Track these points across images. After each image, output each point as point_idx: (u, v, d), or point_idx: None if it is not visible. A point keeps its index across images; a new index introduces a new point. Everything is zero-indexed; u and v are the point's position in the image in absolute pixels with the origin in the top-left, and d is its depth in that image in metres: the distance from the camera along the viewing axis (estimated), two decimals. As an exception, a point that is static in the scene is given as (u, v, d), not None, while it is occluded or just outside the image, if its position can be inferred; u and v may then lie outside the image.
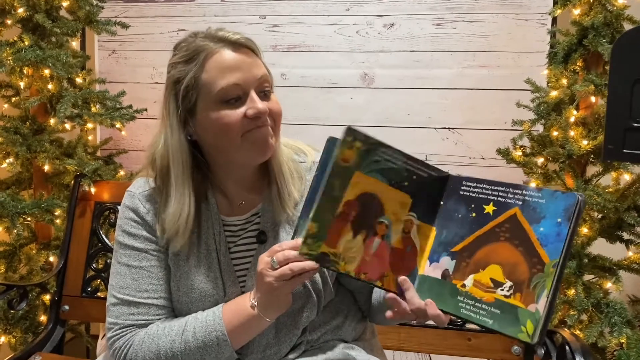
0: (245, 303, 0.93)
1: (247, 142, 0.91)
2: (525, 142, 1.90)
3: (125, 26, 2.03)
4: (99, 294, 1.69)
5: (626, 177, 1.58)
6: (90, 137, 2.12)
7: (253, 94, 0.90)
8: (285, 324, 0.98)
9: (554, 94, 1.70)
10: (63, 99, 1.84)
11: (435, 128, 2.24)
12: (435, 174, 0.85)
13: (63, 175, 1.94)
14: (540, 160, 1.76)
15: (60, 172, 1.94)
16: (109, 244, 1.70)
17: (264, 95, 0.92)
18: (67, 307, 1.65)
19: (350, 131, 0.83)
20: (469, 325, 1.56)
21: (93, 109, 1.98)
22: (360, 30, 2.25)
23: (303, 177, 1.01)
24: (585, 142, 1.57)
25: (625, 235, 1.68)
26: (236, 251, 1.00)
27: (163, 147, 0.94)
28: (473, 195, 0.81)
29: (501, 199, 0.78)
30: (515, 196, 0.77)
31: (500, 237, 0.77)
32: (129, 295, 0.97)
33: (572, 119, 1.61)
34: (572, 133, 1.60)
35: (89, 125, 1.96)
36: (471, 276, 0.78)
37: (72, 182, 1.78)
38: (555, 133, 1.69)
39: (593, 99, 1.60)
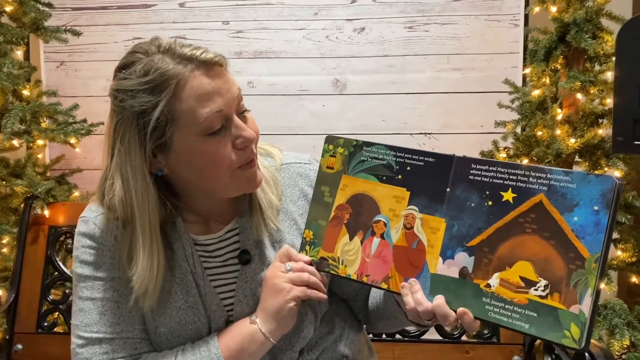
0: (243, 322, 0.88)
1: (236, 180, 0.85)
2: (504, 143, 1.91)
3: (77, 34, 1.93)
4: (57, 328, 1.58)
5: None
6: (39, 156, 1.99)
7: (237, 120, 0.83)
8: (281, 349, 0.91)
9: (536, 93, 1.72)
10: (9, 113, 1.71)
11: (411, 134, 2.24)
12: (433, 160, 0.80)
13: (10, 198, 1.82)
14: (524, 162, 1.77)
15: (7, 194, 1.81)
16: (67, 272, 1.60)
17: (243, 116, 0.86)
18: (20, 347, 1.54)
19: (330, 139, 0.90)
20: (466, 337, 1.53)
21: (43, 125, 1.86)
22: (330, 35, 2.24)
23: (278, 181, 0.97)
24: (572, 140, 1.59)
25: (613, 235, 1.70)
26: (215, 274, 0.93)
27: (124, 193, 0.83)
28: (486, 180, 0.75)
29: (521, 184, 0.72)
30: (539, 180, 0.71)
31: (525, 228, 0.72)
32: (99, 332, 0.87)
33: (559, 117, 1.62)
34: (558, 132, 1.62)
35: (39, 142, 1.84)
36: (496, 274, 0.73)
37: (22, 205, 1.67)
38: (539, 133, 1.70)
39: (579, 95, 1.62)
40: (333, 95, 2.25)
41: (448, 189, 0.78)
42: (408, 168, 0.82)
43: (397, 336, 1.52)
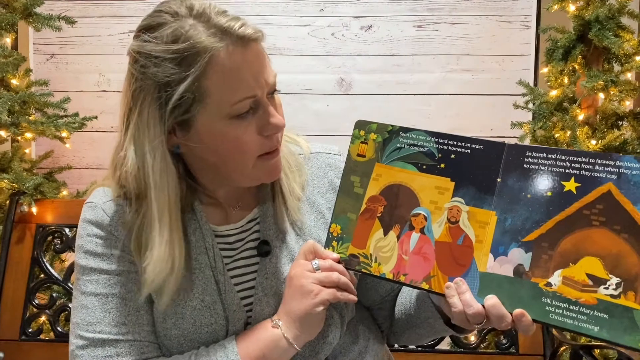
0: (265, 326, 0.80)
1: (258, 168, 0.79)
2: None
3: (71, 22, 1.84)
4: (42, 335, 1.50)
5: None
6: (26, 151, 1.89)
7: (267, 105, 0.76)
8: (304, 356, 0.83)
9: (553, 93, 1.67)
10: (-4, 102, 1.61)
11: (418, 137, 2.18)
12: (482, 147, 0.74)
13: (-5, 194, 1.70)
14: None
15: (-9, 190, 1.70)
16: (55, 274, 1.51)
17: (272, 97, 0.79)
18: (1, 355, 1.45)
19: (361, 124, 0.82)
20: (485, 347, 1.46)
21: (32, 117, 1.76)
22: (335, 33, 2.18)
23: (302, 169, 0.90)
24: (593, 142, 1.53)
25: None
26: (234, 267, 0.85)
27: (138, 170, 0.76)
28: (544, 168, 0.70)
29: (585, 173, 0.68)
30: (606, 169, 0.67)
31: (592, 221, 0.66)
32: (102, 332, 0.79)
33: (581, 117, 1.57)
34: (578, 133, 1.57)
35: (27, 135, 1.74)
36: (558, 272, 0.67)
37: (8, 201, 1.58)
38: (557, 135, 1.65)
39: (602, 95, 1.57)
40: (338, 95, 2.19)
41: (499, 179, 0.72)
42: (452, 156, 0.76)
43: (411, 346, 1.44)
